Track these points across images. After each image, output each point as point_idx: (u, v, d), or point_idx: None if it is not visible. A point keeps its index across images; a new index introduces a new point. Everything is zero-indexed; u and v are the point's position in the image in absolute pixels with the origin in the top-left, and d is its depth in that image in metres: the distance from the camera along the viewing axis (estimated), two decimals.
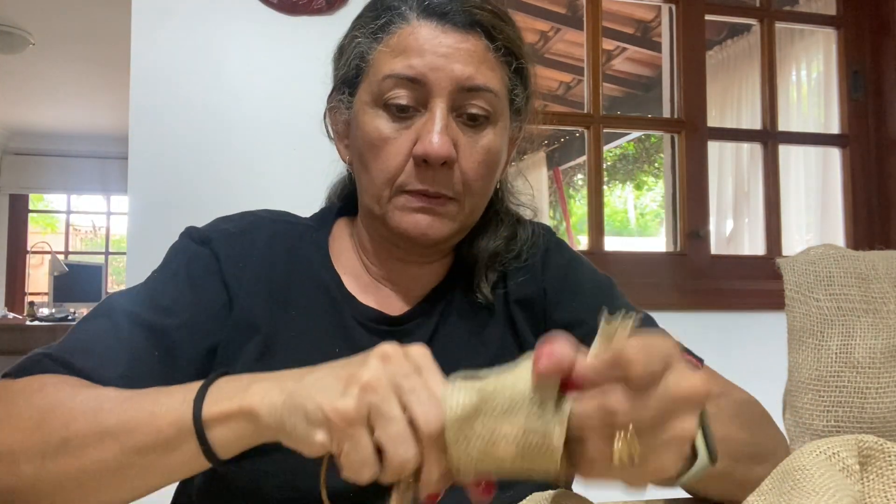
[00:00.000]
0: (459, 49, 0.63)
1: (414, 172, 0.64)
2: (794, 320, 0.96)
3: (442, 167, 0.64)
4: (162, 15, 1.53)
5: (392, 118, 0.65)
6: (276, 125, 1.55)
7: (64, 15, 3.42)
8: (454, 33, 0.64)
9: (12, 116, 5.29)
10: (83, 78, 4.36)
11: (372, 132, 0.65)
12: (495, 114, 0.66)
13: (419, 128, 0.64)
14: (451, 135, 0.64)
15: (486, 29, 0.65)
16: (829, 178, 2.63)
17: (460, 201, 0.66)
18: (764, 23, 2.04)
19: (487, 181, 0.68)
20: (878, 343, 0.92)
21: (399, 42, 0.64)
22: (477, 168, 0.66)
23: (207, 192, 1.51)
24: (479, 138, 0.66)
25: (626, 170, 7.47)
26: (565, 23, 3.76)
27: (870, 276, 0.96)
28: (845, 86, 2.05)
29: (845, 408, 0.91)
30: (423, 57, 0.63)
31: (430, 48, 0.63)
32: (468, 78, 0.63)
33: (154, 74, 1.52)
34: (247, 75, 1.56)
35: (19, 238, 5.94)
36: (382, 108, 0.65)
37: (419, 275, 0.73)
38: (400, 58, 0.64)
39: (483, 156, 0.66)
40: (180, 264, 0.69)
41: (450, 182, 0.65)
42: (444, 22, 0.64)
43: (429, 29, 0.64)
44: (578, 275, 0.77)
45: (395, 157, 0.64)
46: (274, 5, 1.56)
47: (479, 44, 0.64)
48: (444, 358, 0.68)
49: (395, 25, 0.65)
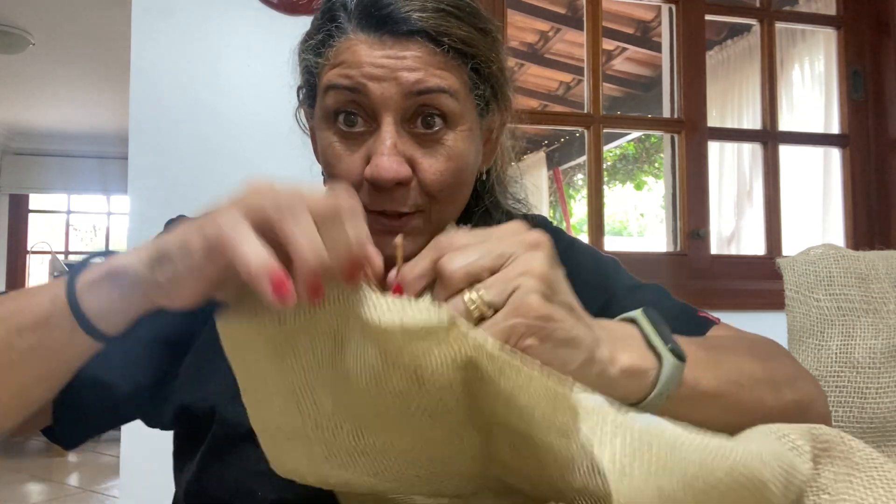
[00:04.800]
0: (401, 58, 0.59)
1: (368, 193, 0.61)
2: (794, 320, 0.96)
3: (397, 187, 0.60)
4: (162, 15, 1.53)
5: (342, 136, 0.62)
6: (276, 125, 1.55)
7: (64, 15, 3.42)
8: (394, 44, 0.59)
9: (12, 116, 5.29)
10: (83, 78, 4.36)
11: (326, 149, 0.63)
12: (454, 116, 0.61)
13: (370, 146, 0.60)
14: (405, 150, 0.60)
15: (430, 34, 0.59)
16: (830, 178, 2.63)
17: (426, 212, 0.63)
18: (764, 23, 2.04)
19: (456, 187, 0.64)
20: (878, 343, 0.92)
21: (337, 55, 0.61)
22: (440, 178, 0.61)
23: (207, 192, 1.51)
24: (437, 146, 0.61)
25: (626, 170, 7.47)
26: (565, 23, 3.76)
27: (870, 276, 0.96)
28: (845, 86, 2.05)
29: (845, 408, 0.91)
30: (361, 68, 0.59)
31: (368, 60, 0.59)
32: (416, 82, 0.59)
33: (154, 74, 1.52)
34: (247, 75, 1.56)
35: (19, 238, 5.94)
36: (332, 126, 0.62)
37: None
38: (337, 69, 0.60)
39: (445, 164, 0.61)
40: None
41: (409, 199, 0.61)
42: (382, 33, 0.59)
43: (366, 42, 0.60)
44: (580, 257, 0.75)
45: (349, 177, 0.61)
46: (274, 5, 1.56)
47: (423, 49, 0.59)
48: None
49: (334, 39, 0.62)
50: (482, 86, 0.64)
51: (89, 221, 6.77)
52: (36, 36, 3.69)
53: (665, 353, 0.47)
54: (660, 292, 0.73)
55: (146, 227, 1.44)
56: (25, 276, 5.97)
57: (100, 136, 5.65)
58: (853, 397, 0.91)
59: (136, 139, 1.51)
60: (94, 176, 5.92)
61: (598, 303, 0.71)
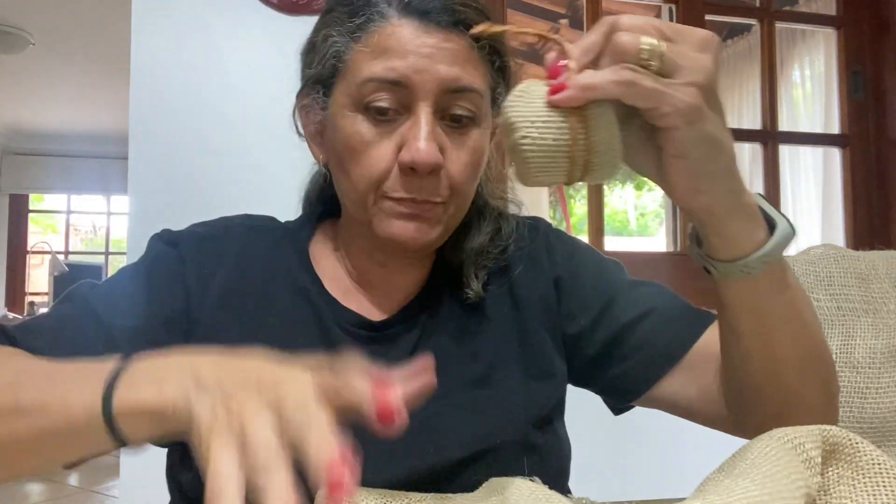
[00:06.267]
0: (443, 49, 0.60)
1: (399, 179, 0.61)
2: None
3: (430, 174, 0.61)
4: (162, 15, 1.53)
5: (373, 122, 0.62)
6: (276, 125, 1.55)
7: (64, 15, 3.42)
8: (437, 33, 0.60)
9: (12, 116, 5.29)
10: (83, 78, 4.36)
11: (352, 136, 0.62)
12: (480, 114, 0.64)
13: (403, 132, 0.61)
14: (437, 139, 0.61)
15: (470, 27, 0.60)
16: (830, 178, 2.63)
17: (446, 204, 0.64)
18: (764, 23, 2.04)
19: (473, 182, 0.66)
20: (878, 343, 0.92)
21: (379, 42, 0.61)
22: (464, 171, 0.63)
23: (207, 192, 1.51)
24: (464, 140, 0.63)
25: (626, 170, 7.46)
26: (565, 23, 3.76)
27: (870, 276, 0.96)
28: (845, 86, 2.05)
29: (845, 408, 0.91)
30: (406, 59, 0.60)
31: (412, 49, 0.60)
32: (454, 79, 0.61)
33: (154, 74, 1.52)
34: (247, 75, 1.55)
35: (19, 238, 5.95)
36: (363, 112, 0.62)
37: (400, 280, 0.71)
38: (381, 59, 0.60)
39: (469, 157, 0.64)
40: (144, 266, 0.68)
41: (437, 188, 0.62)
42: (427, 21, 0.60)
43: (410, 28, 0.60)
44: (584, 256, 0.76)
45: (379, 163, 0.62)
46: (274, 5, 1.56)
47: (462, 43, 0.61)
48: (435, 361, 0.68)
49: (374, 24, 0.61)
50: (501, 86, 0.66)
51: (89, 221, 6.77)
52: (36, 36, 3.69)
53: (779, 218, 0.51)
54: (661, 288, 0.74)
55: (146, 227, 1.43)
56: (25, 276, 5.97)
57: (100, 136, 5.65)
58: (853, 397, 0.91)
59: (136, 139, 1.50)
60: (94, 176, 5.93)
61: (600, 303, 0.71)
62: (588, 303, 0.72)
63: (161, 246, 0.69)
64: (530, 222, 0.78)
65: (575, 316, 0.72)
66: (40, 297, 5.73)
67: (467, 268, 0.71)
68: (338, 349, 0.66)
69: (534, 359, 0.70)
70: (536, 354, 0.71)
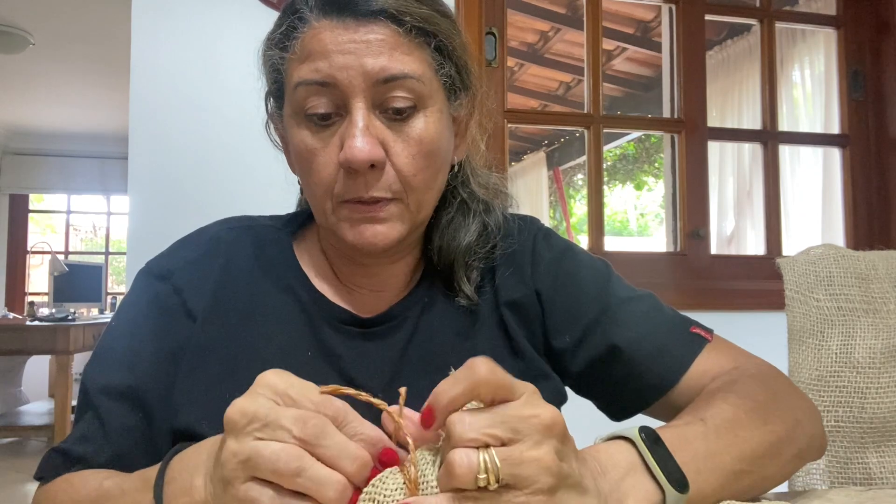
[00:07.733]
0: (366, 41, 0.59)
1: (344, 181, 0.61)
2: (794, 320, 0.96)
3: (371, 170, 0.60)
4: (162, 15, 1.53)
5: (316, 129, 0.61)
6: None
7: (64, 15, 3.42)
8: (358, 26, 0.59)
9: (12, 116, 5.30)
10: (83, 78, 4.37)
11: (300, 146, 0.62)
12: (423, 99, 0.61)
13: (342, 133, 0.60)
14: (377, 134, 0.60)
15: (391, 13, 0.59)
16: (830, 178, 2.63)
17: (402, 199, 0.62)
18: (764, 23, 2.04)
19: (429, 172, 0.63)
20: (878, 343, 0.92)
21: (304, 47, 0.60)
22: (413, 162, 0.61)
23: (207, 191, 1.51)
24: (409, 130, 0.61)
25: (626, 170, 7.48)
26: (565, 23, 3.76)
27: (870, 276, 0.96)
28: (845, 86, 2.05)
29: (845, 408, 0.91)
30: (329, 58, 0.59)
31: (334, 48, 0.59)
32: (381, 70, 0.59)
33: (154, 74, 1.52)
34: (247, 75, 1.55)
35: (19, 238, 5.95)
36: (305, 121, 0.62)
37: (387, 277, 0.71)
38: (307, 63, 0.60)
39: (417, 147, 0.61)
40: (140, 309, 0.68)
41: (383, 184, 0.61)
42: (345, 16, 0.59)
43: (330, 27, 0.59)
44: (572, 266, 0.74)
45: (326, 169, 0.61)
46: (274, 5, 1.56)
47: (386, 31, 0.59)
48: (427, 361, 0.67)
49: (298, 31, 0.61)
50: (447, 65, 0.64)
51: (89, 221, 6.77)
52: (36, 36, 3.69)
53: (668, 488, 0.48)
54: (652, 302, 0.73)
55: (146, 227, 1.44)
56: (25, 276, 5.97)
57: (100, 136, 5.66)
58: (853, 397, 0.91)
59: (136, 139, 1.51)
60: (94, 176, 5.93)
61: (591, 313, 0.71)
62: (574, 318, 0.71)
63: (153, 283, 0.68)
64: (520, 221, 0.76)
65: (560, 331, 0.71)
66: (40, 297, 5.73)
67: (458, 271, 0.70)
68: (326, 345, 0.66)
69: (525, 361, 0.70)
70: (527, 357, 0.71)
